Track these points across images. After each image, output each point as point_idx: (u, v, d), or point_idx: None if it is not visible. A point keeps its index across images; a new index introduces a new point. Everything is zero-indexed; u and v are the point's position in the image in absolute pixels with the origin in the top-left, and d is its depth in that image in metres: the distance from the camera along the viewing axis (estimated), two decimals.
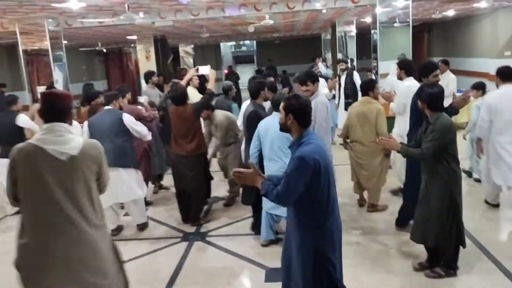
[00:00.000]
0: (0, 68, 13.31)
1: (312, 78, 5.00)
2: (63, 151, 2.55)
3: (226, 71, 19.46)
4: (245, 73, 20.57)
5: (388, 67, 7.69)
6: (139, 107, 6.23)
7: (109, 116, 5.12)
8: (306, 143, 2.76)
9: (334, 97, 9.16)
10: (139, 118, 5.49)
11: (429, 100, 3.83)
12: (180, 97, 5.36)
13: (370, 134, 5.37)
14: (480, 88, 6.46)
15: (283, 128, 2.90)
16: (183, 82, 6.10)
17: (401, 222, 5.06)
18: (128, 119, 5.11)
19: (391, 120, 7.26)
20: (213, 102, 6.18)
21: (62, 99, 2.70)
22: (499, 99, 5.07)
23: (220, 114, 5.98)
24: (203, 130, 5.86)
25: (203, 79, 7.95)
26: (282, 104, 2.89)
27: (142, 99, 6.98)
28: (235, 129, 5.98)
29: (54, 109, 2.63)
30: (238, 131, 5.96)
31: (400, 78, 5.53)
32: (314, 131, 4.38)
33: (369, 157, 5.48)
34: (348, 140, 5.67)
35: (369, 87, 5.51)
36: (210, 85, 5.85)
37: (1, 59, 13.39)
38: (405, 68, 5.43)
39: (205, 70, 6.18)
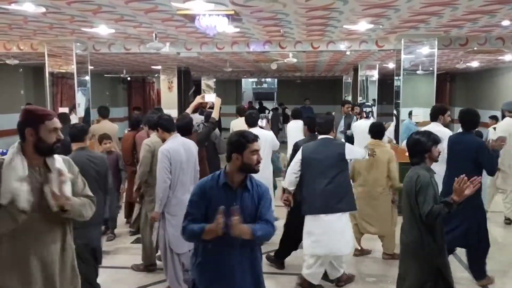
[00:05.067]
0: (26, 88, 13.58)
1: (157, 126, 4.60)
2: None
3: (246, 106, 19.61)
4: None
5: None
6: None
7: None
8: None
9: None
10: None
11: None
12: (185, 127, 5.17)
13: (381, 178, 5.26)
14: None
15: None
16: (188, 110, 5.85)
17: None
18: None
19: (404, 166, 7.14)
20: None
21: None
22: None
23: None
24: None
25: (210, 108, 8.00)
26: None
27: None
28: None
29: None
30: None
31: None
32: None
33: (378, 201, 5.32)
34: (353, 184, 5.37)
35: (380, 130, 5.48)
36: (215, 114, 5.72)
37: (27, 80, 13.68)
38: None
39: (211, 97, 6.09)
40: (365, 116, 8.21)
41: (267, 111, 19.00)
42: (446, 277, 3.35)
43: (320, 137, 4.73)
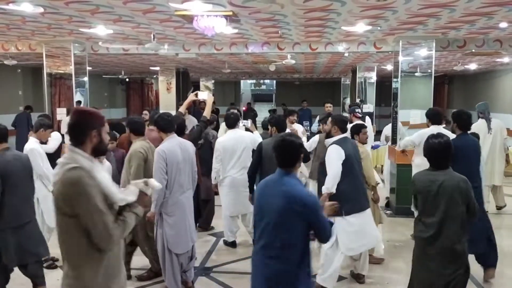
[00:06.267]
0: (24, 89, 13.56)
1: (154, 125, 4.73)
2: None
3: (244, 108, 19.60)
4: (263, 112, 20.72)
5: (407, 115, 7.64)
6: None
7: None
8: None
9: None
10: None
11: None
12: (177, 128, 5.01)
13: None
14: None
15: None
16: (181, 109, 5.76)
17: None
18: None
19: (401, 168, 7.14)
20: None
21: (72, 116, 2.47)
22: None
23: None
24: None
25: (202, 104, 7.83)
26: None
27: None
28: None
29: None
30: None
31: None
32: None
33: None
34: None
35: (355, 131, 5.48)
36: (206, 112, 5.64)
37: (26, 80, 13.67)
38: (430, 117, 6.01)
39: (204, 95, 6.05)
40: (359, 117, 8.17)
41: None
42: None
43: (344, 135, 4.77)
